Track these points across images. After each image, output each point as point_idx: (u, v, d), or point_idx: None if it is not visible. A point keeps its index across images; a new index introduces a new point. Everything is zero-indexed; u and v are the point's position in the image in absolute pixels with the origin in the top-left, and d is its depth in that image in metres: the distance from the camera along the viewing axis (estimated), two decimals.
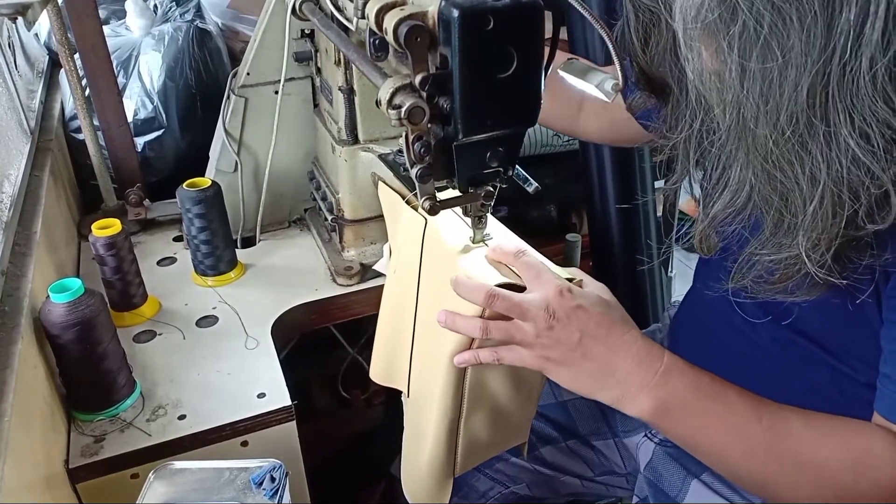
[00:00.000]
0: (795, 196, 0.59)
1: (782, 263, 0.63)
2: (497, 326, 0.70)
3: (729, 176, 0.63)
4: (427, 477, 0.86)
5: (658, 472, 0.95)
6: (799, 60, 0.53)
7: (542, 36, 0.64)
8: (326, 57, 1.16)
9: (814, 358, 0.74)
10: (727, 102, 0.59)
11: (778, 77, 0.54)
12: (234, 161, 1.30)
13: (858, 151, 0.54)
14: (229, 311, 1.15)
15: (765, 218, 0.63)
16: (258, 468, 0.75)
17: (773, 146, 0.57)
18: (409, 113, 0.63)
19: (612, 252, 1.45)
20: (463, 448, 0.84)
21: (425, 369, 0.86)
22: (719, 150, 0.63)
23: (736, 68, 0.56)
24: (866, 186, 0.56)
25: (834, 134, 0.55)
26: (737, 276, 0.68)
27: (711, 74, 0.59)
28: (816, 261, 0.60)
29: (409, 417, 0.93)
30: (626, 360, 0.68)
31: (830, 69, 0.53)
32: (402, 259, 0.91)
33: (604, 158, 1.40)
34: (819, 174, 0.56)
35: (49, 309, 0.89)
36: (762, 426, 0.67)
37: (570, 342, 0.68)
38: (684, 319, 1.00)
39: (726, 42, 0.56)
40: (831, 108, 0.54)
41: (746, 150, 0.60)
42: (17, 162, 1.18)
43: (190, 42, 1.57)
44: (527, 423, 0.91)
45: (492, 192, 0.75)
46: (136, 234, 1.37)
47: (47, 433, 0.85)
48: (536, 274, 0.70)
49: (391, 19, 0.63)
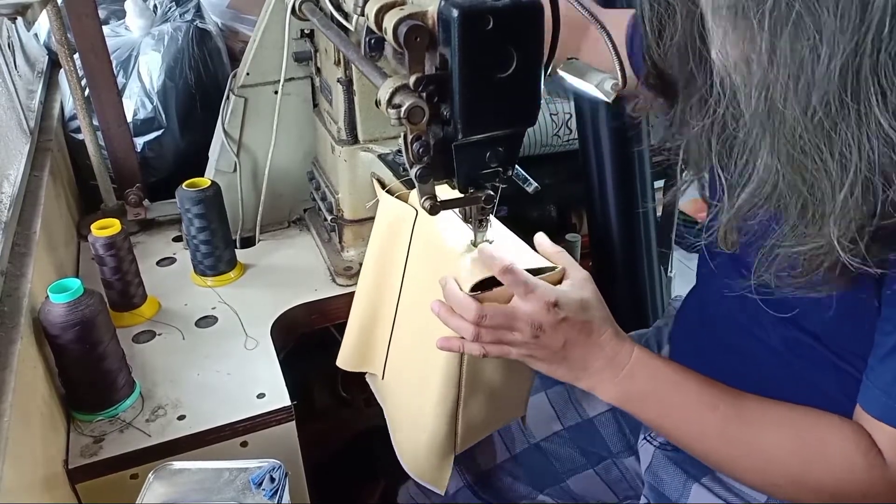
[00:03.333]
0: (824, 183, 0.57)
1: (806, 255, 0.61)
2: (488, 333, 0.74)
3: (753, 165, 0.62)
4: (428, 455, 0.90)
5: (658, 475, 0.94)
6: (832, 39, 0.52)
7: (541, 36, 0.64)
8: (326, 57, 1.16)
9: (820, 358, 0.74)
10: (754, 85, 0.57)
11: (809, 56, 0.53)
12: (234, 161, 1.30)
13: (891, 131, 0.53)
14: (229, 312, 1.15)
15: (788, 208, 0.61)
16: (258, 468, 0.75)
17: (803, 130, 0.56)
18: (409, 113, 0.63)
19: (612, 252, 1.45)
20: (462, 430, 0.88)
21: (410, 356, 0.91)
22: (745, 137, 0.62)
23: (767, 48, 0.55)
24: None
25: (865, 115, 0.53)
26: (759, 271, 0.67)
27: (738, 57, 0.58)
28: (849, 249, 0.58)
29: (386, 398, 1.00)
30: (599, 359, 0.75)
31: (865, 48, 0.51)
32: (385, 248, 0.93)
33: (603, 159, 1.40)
34: (850, 158, 0.55)
35: (48, 309, 0.89)
36: (717, 413, 0.73)
37: (554, 347, 0.74)
38: (687, 319, 0.99)
39: (756, 20, 0.54)
40: (863, 87, 0.53)
41: (773, 135, 0.58)
42: (16, 162, 1.18)
43: (190, 42, 1.57)
44: (523, 398, 0.95)
45: (493, 196, 0.74)
46: (136, 235, 1.37)
47: (47, 433, 0.85)
48: (524, 291, 0.73)
49: (391, 19, 0.63)
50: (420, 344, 0.87)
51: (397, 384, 0.96)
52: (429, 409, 0.86)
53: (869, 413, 0.67)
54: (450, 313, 0.75)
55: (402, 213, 0.90)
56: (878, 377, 0.66)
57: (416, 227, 0.88)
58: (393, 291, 0.93)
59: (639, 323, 1.39)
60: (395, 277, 0.92)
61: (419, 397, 0.89)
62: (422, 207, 0.72)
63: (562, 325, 0.72)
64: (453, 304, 0.75)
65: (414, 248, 0.89)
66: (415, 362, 0.91)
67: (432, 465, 0.91)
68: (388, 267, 0.93)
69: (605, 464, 1.06)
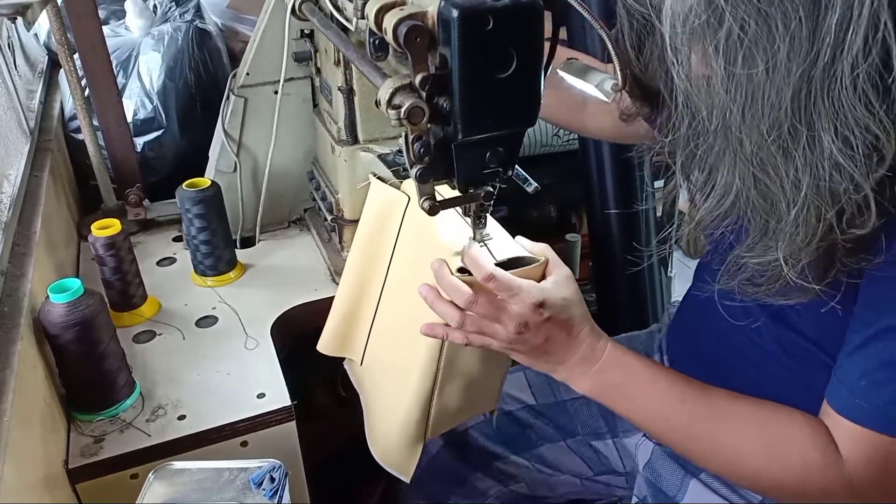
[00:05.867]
0: (779, 201, 0.59)
1: (768, 267, 0.64)
2: (473, 322, 0.76)
3: (716, 180, 0.64)
4: (399, 442, 0.92)
5: (657, 471, 0.95)
6: (783, 66, 0.53)
7: (541, 36, 0.64)
8: (326, 57, 1.16)
9: (815, 360, 0.74)
10: (713, 106, 0.59)
11: (763, 82, 0.55)
12: (234, 161, 1.30)
13: (840, 157, 0.55)
14: (229, 312, 1.15)
15: (751, 222, 0.64)
16: (258, 468, 0.75)
17: (758, 150, 0.58)
18: (409, 113, 0.63)
19: (612, 252, 1.45)
20: (434, 416, 0.90)
21: (391, 342, 0.94)
22: (706, 153, 0.64)
23: (722, 73, 0.57)
24: (847, 192, 0.56)
25: (817, 139, 0.55)
26: (724, 279, 0.69)
27: (699, 79, 0.60)
28: (793, 265, 0.61)
29: (363, 383, 1.02)
30: (575, 354, 0.78)
31: (814, 74, 0.53)
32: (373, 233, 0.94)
33: (603, 159, 1.40)
34: (802, 179, 0.57)
35: (48, 309, 0.89)
36: (684, 408, 0.76)
37: (536, 343, 0.76)
38: (685, 319, 1.00)
39: (712, 47, 0.56)
40: (814, 113, 0.54)
41: (733, 154, 0.60)
42: (16, 162, 1.18)
43: (189, 42, 1.57)
44: (496, 391, 0.96)
45: (491, 192, 0.75)
46: (136, 235, 1.37)
47: (47, 433, 0.85)
48: (510, 295, 0.74)
49: (391, 19, 0.63)
50: (402, 330, 0.89)
51: (375, 370, 0.98)
52: (405, 394, 0.88)
53: (832, 408, 0.69)
54: (437, 297, 0.77)
55: (394, 198, 0.91)
56: (845, 374, 0.68)
57: (408, 213, 0.89)
58: (379, 277, 0.94)
59: (638, 323, 1.39)
60: (383, 263, 0.93)
61: (396, 383, 0.91)
62: (421, 208, 0.72)
63: (545, 324, 0.75)
64: (444, 286, 0.76)
65: (404, 234, 0.90)
66: (395, 348, 0.93)
67: (401, 454, 0.93)
68: (376, 252, 0.94)
69: (576, 440, 1.09)
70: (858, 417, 0.66)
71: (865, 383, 0.65)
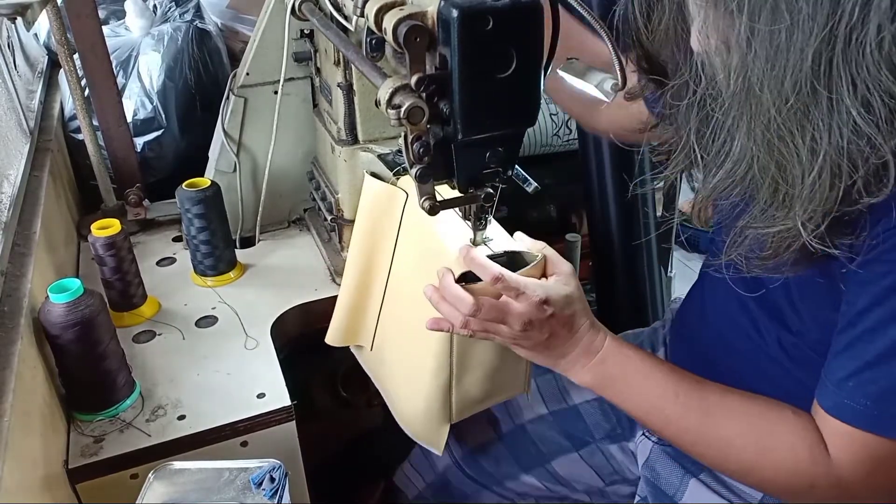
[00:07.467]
0: (794, 167, 0.58)
1: (774, 237, 0.63)
2: (477, 324, 0.77)
3: (730, 146, 0.63)
4: (425, 421, 0.95)
5: (656, 470, 0.95)
6: (806, 24, 0.53)
7: (541, 36, 0.64)
8: (326, 57, 1.16)
9: (816, 363, 0.74)
10: (732, 67, 0.59)
11: (785, 41, 0.54)
12: (234, 161, 1.30)
13: (860, 121, 0.54)
14: (229, 312, 1.15)
15: (760, 190, 0.63)
16: (258, 468, 0.75)
17: (776, 113, 0.57)
18: (409, 113, 0.63)
19: (612, 252, 1.45)
20: (457, 403, 0.92)
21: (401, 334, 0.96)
22: (722, 117, 0.63)
23: (745, 30, 0.56)
24: (866, 157, 0.55)
25: (836, 102, 0.54)
26: (729, 251, 0.69)
27: (718, 39, 0.59)
28: (812, 230, 0.60)
29: (376, 367, 1.05)
30: (575, 348, 0.80)
31: (837, 35, 0.52)
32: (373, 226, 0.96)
33: (604, 159, 1.40)
34: (820, 144, 0.56)
35: (48, 309, 0.89)
36: (677, 402, 0.77)
37: (539, 339, 0.78)
38: (688, 319, 1.00)
39: (735, 4, 0.56)
40: (835, 74, 0.54)
41: (749, 117, 0.60)
42: (16, 162, 1.18)
43: (189, 42, 1.57)
44: (522, 373, 0.97)
45: (492, 194, 0.75)
46: (136, 235, 1.37)
47: (47, 433, 0.85)
48: (516, 294, 0.75)
49: (390, 19, 0.63)
50: (410, 319, 0.90)
51: (388, 354, 1.00)
52: (424, 380, 0.90)
53: (821, 407, 0.69)
54: (441, 300, 0.78)
55: (390, 192, 0.93)
56: (832, 372, 0.68)
57: (408, 207, 0.90)
58: (383, 270, 0.96)
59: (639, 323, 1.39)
60: (386, 255, 0.95)
61: (411, 368, 0.93)
62: (421, 208, 0.72)
63: (549, 321, 0.76)
64: (448, 297, 0.77)
65: (405, 226, 0.91)
66: (405, 335, 0.94)
67: (430, 429, 0.95)
68: (378, 245, 0.96)
69: (589, 448, 1.08)
70: (846, 416, 0.66)
71: (853, 383, 0.65)
